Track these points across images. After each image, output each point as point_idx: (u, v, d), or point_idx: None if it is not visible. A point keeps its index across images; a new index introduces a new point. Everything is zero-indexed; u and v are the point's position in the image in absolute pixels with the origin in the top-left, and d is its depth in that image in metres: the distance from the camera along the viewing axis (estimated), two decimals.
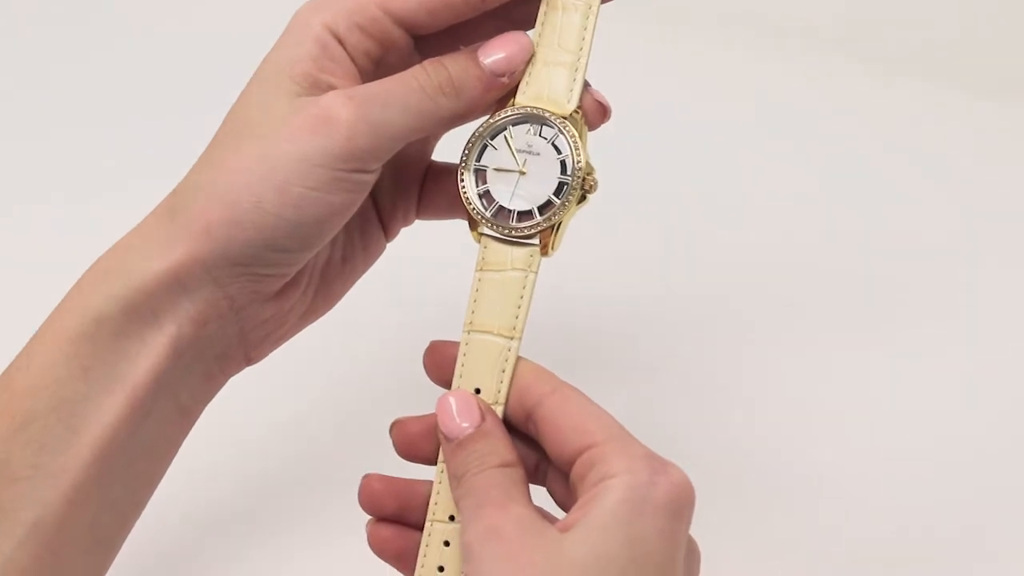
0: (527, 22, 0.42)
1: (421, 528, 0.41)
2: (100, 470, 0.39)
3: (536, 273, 0.40)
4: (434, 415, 0.40)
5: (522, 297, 0.40)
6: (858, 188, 0.75)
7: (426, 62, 0.41)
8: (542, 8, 0.42)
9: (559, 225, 0.40)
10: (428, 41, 0.42)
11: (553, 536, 0.36)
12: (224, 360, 0.42)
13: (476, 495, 0.38)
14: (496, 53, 0.41)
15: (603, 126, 0.43)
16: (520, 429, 0.40)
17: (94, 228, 0.50)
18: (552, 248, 0.41)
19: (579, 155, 0.40)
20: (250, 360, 0.44)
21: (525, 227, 0.40)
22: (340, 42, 0.40)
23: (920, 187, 0.75)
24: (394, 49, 0.41)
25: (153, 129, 0.78)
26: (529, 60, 0.41)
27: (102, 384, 0.39)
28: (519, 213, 0.41)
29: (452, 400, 0.40)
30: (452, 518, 0.40)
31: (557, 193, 0.40)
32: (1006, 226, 0.73)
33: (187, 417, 0.42)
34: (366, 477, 0.42)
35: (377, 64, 0.41)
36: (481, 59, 0.41)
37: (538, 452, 0.41)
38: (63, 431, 0.38)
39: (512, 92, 0.41)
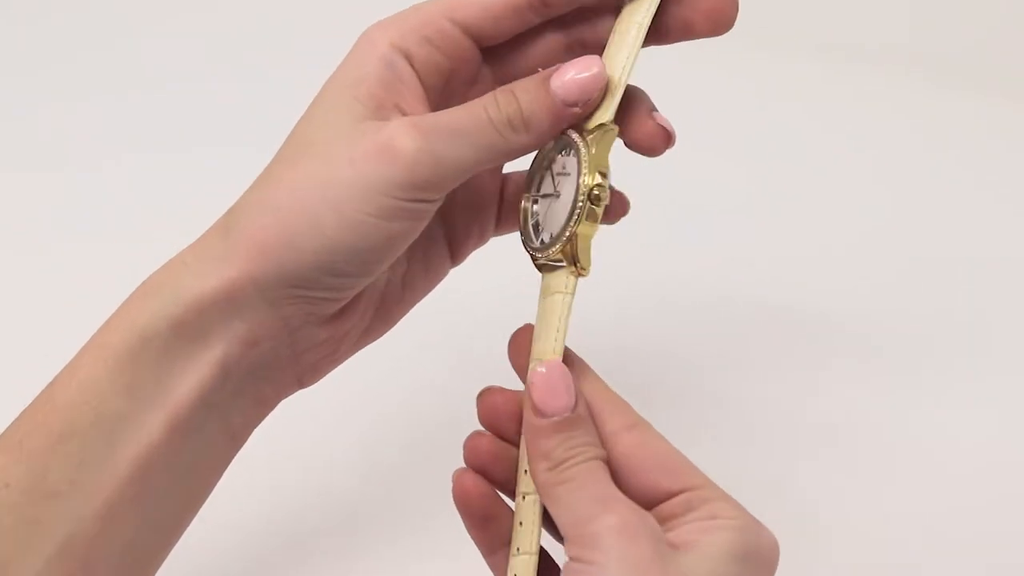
0: (597, 43, 0.41)
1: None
2: (138, 488, 0.38)
3: (571, 295, 0.39)
4: (520, 393, 0.39)
5: (560, 319, 0.39)
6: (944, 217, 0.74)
7: (497, 91, 0.39)
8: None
9: (575, 243, 0.39)
10: (496, 54, 0.41)
11: (672, 550, 0.35)
12: (276, 383, 0.41)
13: (588, 486, 0.36)
14: (568, 79, 0.39)
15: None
16: None
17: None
18: (580, 266, 0.39)
19: (585, 172, 0.38)
20: (303, 383, 0.42)
21: (548, 250, 0.39)
22: (409, 59, 0.40)
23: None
24: (463, 63, 0.41)
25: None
26: (605, 89, 0.39)
27: (145, 401, 0.38)
28: (548, 236, 0.40)
29: (548, 371, 0.37)
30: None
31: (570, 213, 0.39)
32: None
33: (235, 439, 0.41)
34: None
35: (447, 80, 0.41)
36: (553, 86, 0.39)
37: None
38: (102, 447, 0.38)
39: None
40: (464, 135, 0.38)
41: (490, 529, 0.40)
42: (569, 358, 0.39)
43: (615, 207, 0.42)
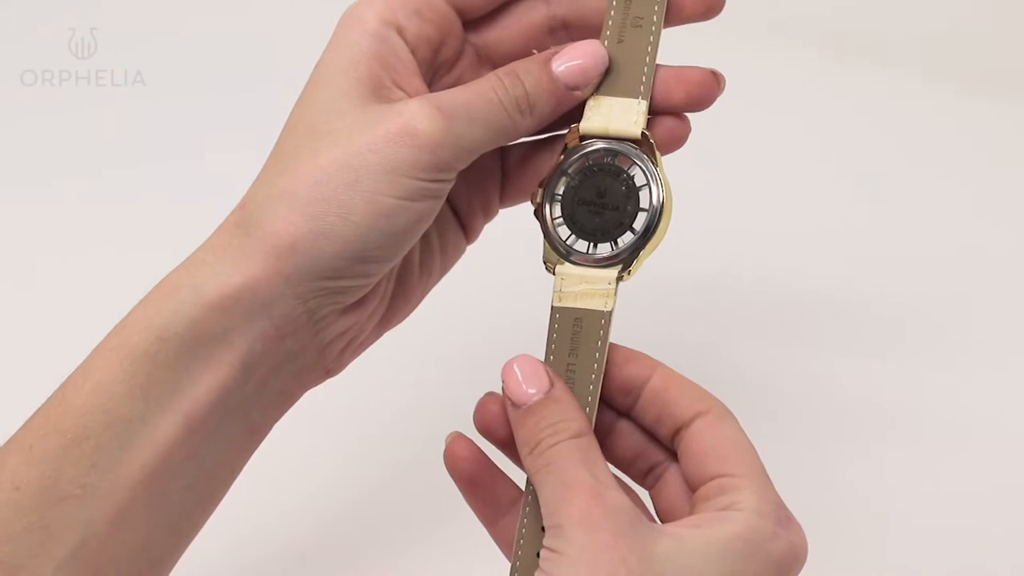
0: (578, 21, 0.41)
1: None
2: (152, 492, 0.37)
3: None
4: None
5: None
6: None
7: (500, 72, 0.40)
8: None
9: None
10: (478, 29, 0.42)
11: (648, 535, 0.35)
12: (302, 375, 0.41)
13: (556, 471, 0.36)
14: (570, 63, 0.40)
15: None
16: (652, 433, 0.39)
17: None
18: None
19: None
20: (329, 372, 0.42)
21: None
22: (400, 33, 0.39)
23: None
24: (450, 35, 0.41)
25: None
26: (605, 71, 0.40)
27: (160, 404, 0.37)
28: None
29: (516, 366, 0.38)
30: None
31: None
32: None
33: (255, 435, 0.41)
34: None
35: (435, 54, 0.41)
36: (555, 70, 0.40)
37: (659, 454, 0.40)
38: (116, 450, 0.37)
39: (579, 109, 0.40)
40: (480, 118, 0.39)
41: (484, 496, 0.40)
42: (631, 353, 0.39)
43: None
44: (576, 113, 0.41)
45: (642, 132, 0.39)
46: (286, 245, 0.38)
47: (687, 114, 0.41)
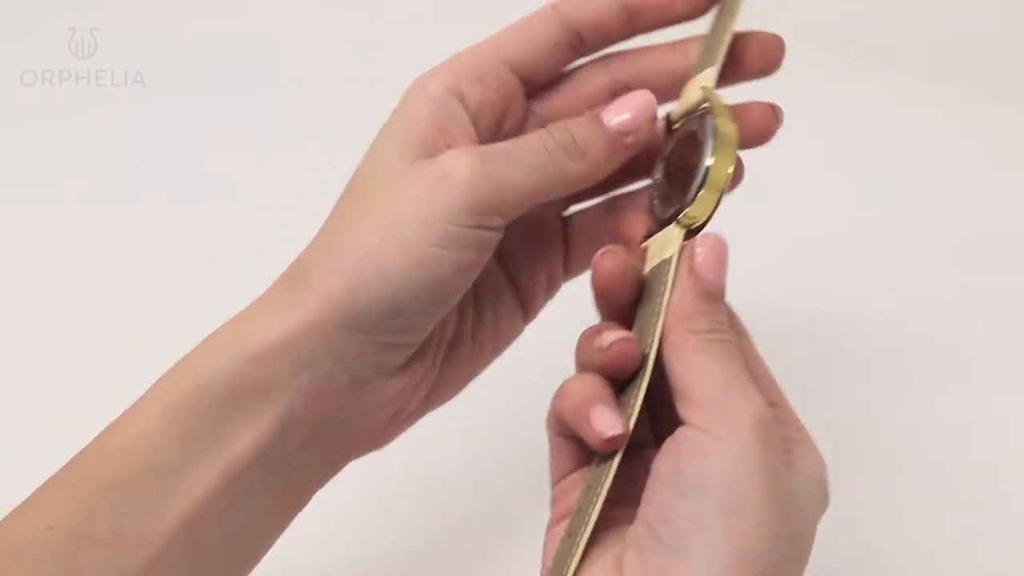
0: (640, 85, 0.42)
1: None
2: (187, 544, 0.37)
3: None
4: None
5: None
6: None
7: (550, 125, 0.40)
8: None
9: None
10: (541, 96, 0.43)
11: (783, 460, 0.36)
12: (344, 444, 0.40)
13: (728, 365, 0.36)
14: (620, 114, 0.40)
15: None
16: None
17: None
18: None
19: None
20: (372, 445, 0.42)
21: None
22: (462, 99, 0.40)
23: None
24: (513, 101, 0.41)
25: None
26: (654, 119, 0.41)
27: (199, 454, 0.37)
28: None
29: (719, 247, 0.38)
30: None
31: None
32: None
33: (296, 499, 0.40)
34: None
35: (499, 122, 0.41)
36: (605, 120, 0.40)
37: None
38: (151, 498, 0.36)
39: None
40: (521, 161, 0.39)
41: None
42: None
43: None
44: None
45: (701, 88, 0.41)
46: (322, 297, 0.38)
47: None
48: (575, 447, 0.39)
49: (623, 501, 0.37)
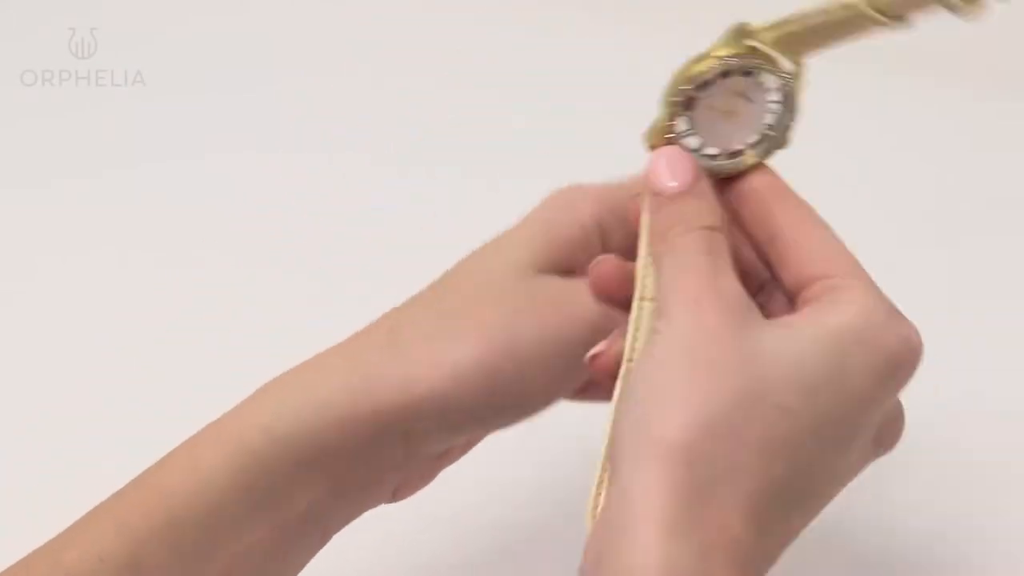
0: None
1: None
2: None
3: None
4: (632, 264, 0.39)
5: None
6: None
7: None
8: None
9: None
10: None
11: (756, 322, 0.34)
12: (375, 496, 0.41)
13: (679, 255, 0.36)
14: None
15: None
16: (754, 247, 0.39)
17: None
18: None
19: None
20: (396, 497, 0.42)
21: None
22: (604, 235, 0.40)
23: None
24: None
25: None
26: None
27: (260, 508, 0.37)
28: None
29: (664, 155, 0.38)
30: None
31: None
32: None
33: (325, 538, 0.41)
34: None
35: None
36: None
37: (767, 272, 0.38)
38: (206, 544, 0.37)
39: None
40: None
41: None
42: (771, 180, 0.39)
43: None
44: None
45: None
46: (424, 389, 0.38)
47: None
48: None
49: None
